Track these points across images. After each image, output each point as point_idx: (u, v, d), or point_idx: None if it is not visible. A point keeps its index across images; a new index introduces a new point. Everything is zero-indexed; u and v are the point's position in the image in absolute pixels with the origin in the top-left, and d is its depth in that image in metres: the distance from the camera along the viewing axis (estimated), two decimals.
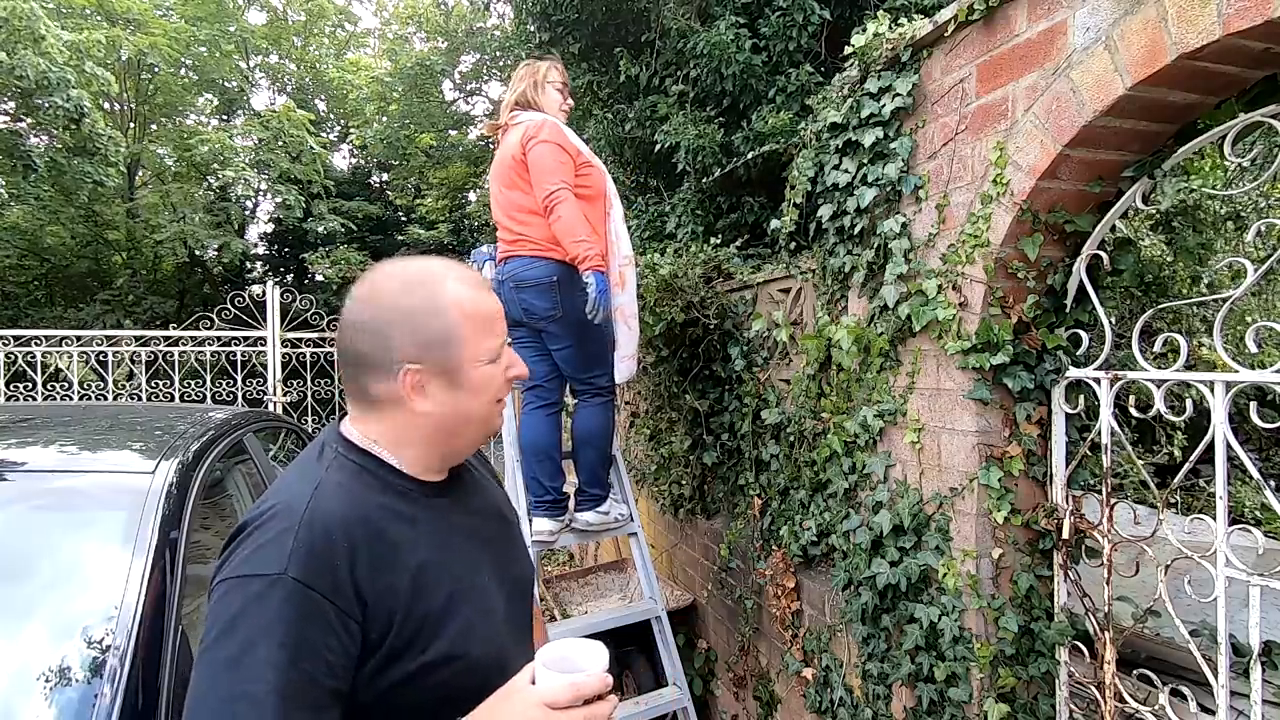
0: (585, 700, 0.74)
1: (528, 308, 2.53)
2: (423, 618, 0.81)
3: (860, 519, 2.21)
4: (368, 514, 0.83)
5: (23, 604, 1.29)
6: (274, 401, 5.98)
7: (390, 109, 11.95)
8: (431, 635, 0.81)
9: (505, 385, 0.94)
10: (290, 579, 0.74)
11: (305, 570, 0.75)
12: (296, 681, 0.71)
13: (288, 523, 0.78)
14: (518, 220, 2.53)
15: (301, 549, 0.76)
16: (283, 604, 0.73)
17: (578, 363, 2.63)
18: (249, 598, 0.74)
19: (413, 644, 0.80)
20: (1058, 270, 1.81)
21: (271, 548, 0.76)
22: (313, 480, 0.83)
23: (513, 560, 1.02)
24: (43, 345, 5.71)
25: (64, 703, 1.15)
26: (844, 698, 2.30)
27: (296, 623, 0.73)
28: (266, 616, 0.73)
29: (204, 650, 0.73)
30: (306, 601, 0.74)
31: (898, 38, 2.05)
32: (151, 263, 11.79)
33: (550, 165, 2.41)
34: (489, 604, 0.91)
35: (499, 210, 2.62)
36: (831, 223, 2.31)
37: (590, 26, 4.18)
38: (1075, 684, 1.80)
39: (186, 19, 10.74)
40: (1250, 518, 3.82)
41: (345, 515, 0.80)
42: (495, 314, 0.92)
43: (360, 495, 0.84)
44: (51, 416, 2.04)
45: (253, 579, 0.75)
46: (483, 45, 9.73)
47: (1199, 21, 1.31)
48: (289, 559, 0.75)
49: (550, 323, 2.53)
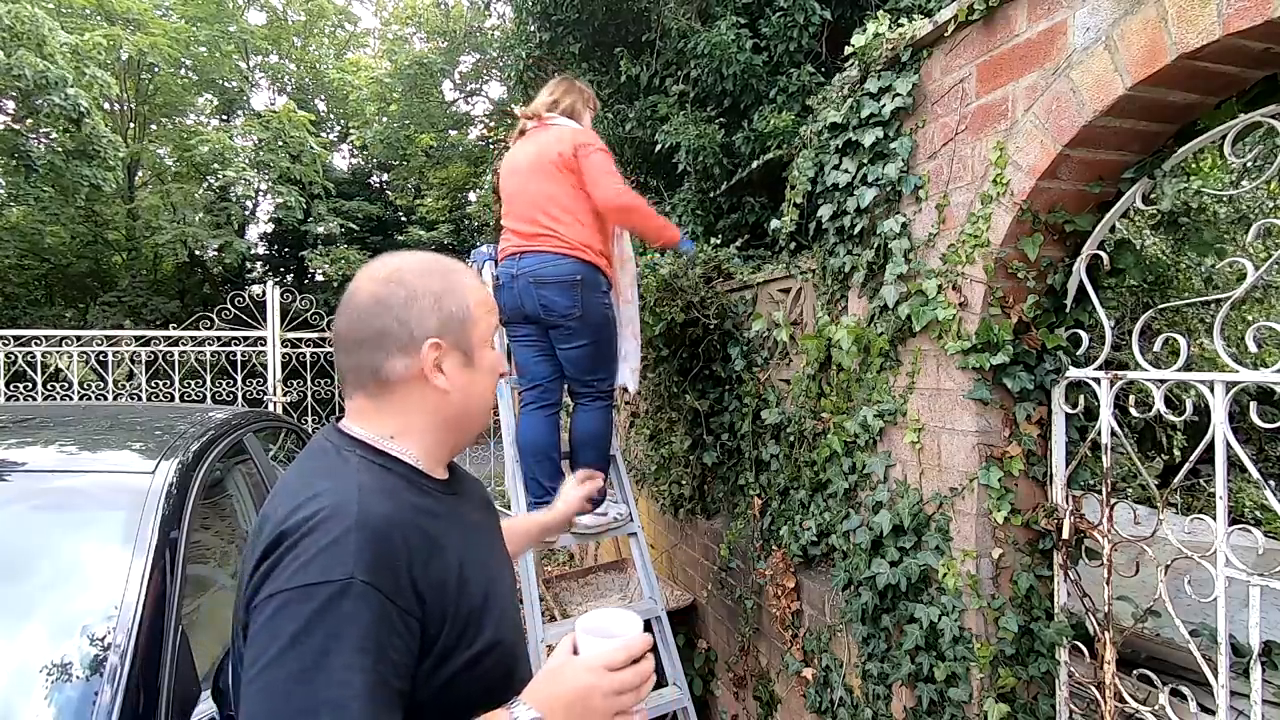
0: (634, 660, 0.80)
1: (546, 304, 2.50)
2: (469, 612, 0.83)
3: (860, 519, 2.21)
4: (410, 514, 0.83)
5: (23, 604, 1.29)
6: (274, 401, 5.98)
7: (390, 109, 11.97)
8: (477, 629, 0.83)
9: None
10: (360, 582, 0.72)
11: (371, 572, 0.73)
12: (377, 684, 0.70)
13: (343, 526, 0.75)
14: (550, 216, 2.50)
15: (366, 551, 0.74)
16: (356, 608, 0.71)
17: (587, 364, 2.61)
18: (316, 606, 0.70)
19: (462, 638, 0.81)
20: (1058, 270, 1.81)
21: (332, 552, 0.73)
22: (351, 481, 0.81)
23: (503, 548, 1.06)
24: (43, 345, 5.71)
25: (64, 702, 1.15)
26: (844, 698, 2.30)
27: (372, 625, 0.72)
28: (339, 622, 0.70)
29: (263, 669, 0.69)
30: (377, 603, 0.73)
31: (898, 38, 2.05)
32: (152, 263, 11.80)
33: (612, 168, 2.55)
34: (507, 591, 0.96)
35: (525, 204, 2.56)
36: (831, 223, 2.31)
37: (590, 26, 4.18)
38: (1075, 684, 1.80)
39: (186, 19, 10.74)
40: (1250, 518, 3.82)
41: (392, 516, 0.79)
42: (493, 303, 0.98)
43: (399, 495, 0.84)
44: (51, 416, 2.04)
45: (317, 586, 0.71)
46: (482, 45, 9.74)
47: (1199, 21, 1.31)
48: (354, 562, 0.73)
49: (569, 320, 2.52)
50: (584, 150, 2.51)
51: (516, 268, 2.54)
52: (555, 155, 2.52)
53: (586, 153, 2.51)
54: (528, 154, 2.61)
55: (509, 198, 2.65)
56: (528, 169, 2.59)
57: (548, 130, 2.62)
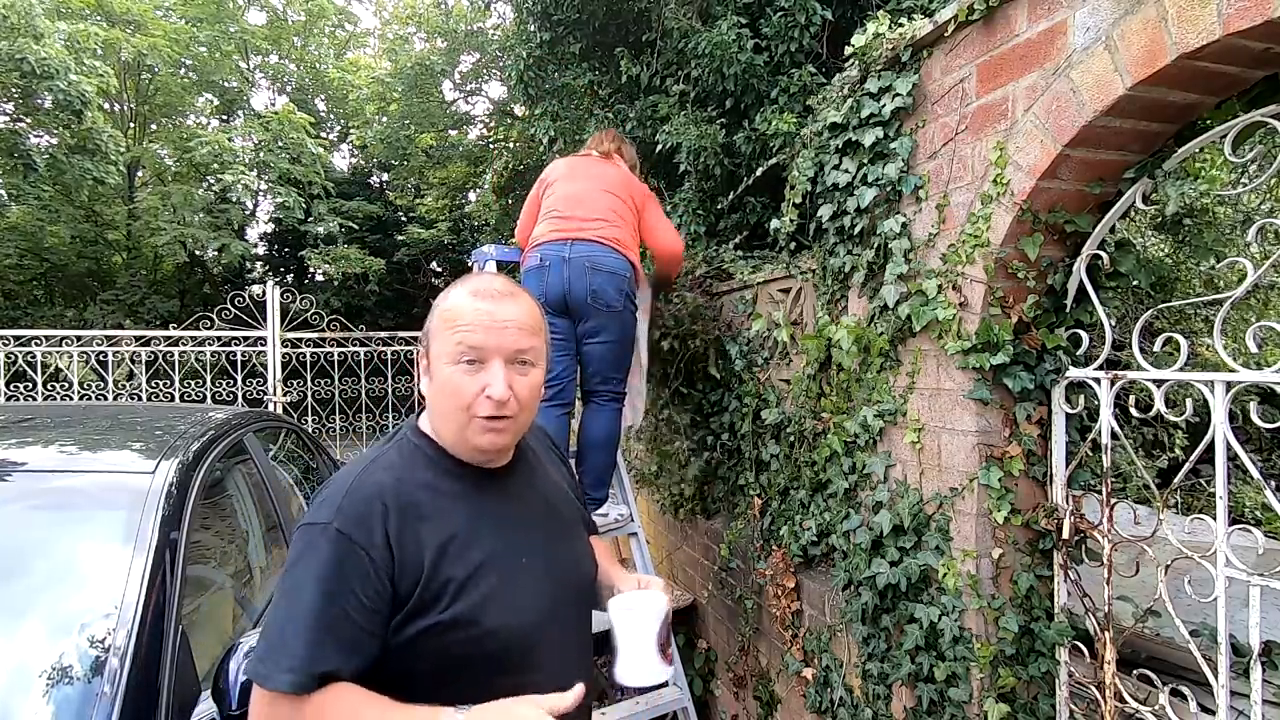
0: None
1: (597, 289, 2.55)
2: (446, 582, 0.93)
3: (860, 519, 2.21)
4: (407, 486, 0.97)
5: (23, 603, 1.29)
6: (274, 401, 5.98)
7: (390, 109, 11.96)
8: (452, 599, 0.93)
9: (479, 400, 0.97)
10: (334, 528, 0.91)
11: (347, 522, 0.92)
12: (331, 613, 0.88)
13: (342, 486, 0.96)
14: (611, 220, 2.64)
15: (347, 506, 0.93)
16: (328, 547, 0.90)
17: (611, 360, 2.66)
18: (307, 540, 0.93)
19: (434, 603, 0.93)
20: (1058, 270, 1.81)
21: (326, 504, 0.95)
22: (373, 456, 1.02)
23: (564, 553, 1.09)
24: (43, 345, 5.71)
25: (64, 702, 1.15)
26: (844, 698, 2.30)
27: (337, 563, 0.89)
28: (317, 556, 0.90)
29: (280, 578, 0.94)
30: (346, 547, 0.90)
31: (898, 38, 2.05)
32: (152, 263, 11.80)
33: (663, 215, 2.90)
34: (522, 582, 1.00)
35: (589, 200, 2.66)
36: (831, 223, 2.31)
37: (591, 26, 4.18)
38: (1075, 684, 1.80)
39: (186, 19, 10.74)
40: (1250, 518, 3.82)
41: (383, 484, 0.96)
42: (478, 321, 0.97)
43: (405, 470, 1.00)
44: (51, 416, 2.04)
45: (311, 526, 0.93)
46: (482, 45, 9.74)
47: (1199, 21, 1.31)
48: (336, 513, 0.93)
49: (610, 312, 2.59)
50: (650, 198, 2.82)
51: (569, 251, 2.57)
52: (625, 179, 2.76)
53: (650, 201, 2.82)
54: (594, 170, 2.77)
55: (567, 194, 2.70)
56: (595, 178, 2.74)
57: (616, 166, 2.82)
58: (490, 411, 0.96)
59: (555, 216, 2.66)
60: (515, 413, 0.99)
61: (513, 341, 0.98)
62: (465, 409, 0.97)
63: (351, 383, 6.60)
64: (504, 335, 0.97)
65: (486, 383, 0.96)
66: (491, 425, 0.98)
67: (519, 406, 0.99)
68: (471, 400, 0.97)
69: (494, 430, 0.98)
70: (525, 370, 1.00)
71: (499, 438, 0.99)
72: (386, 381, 6.66)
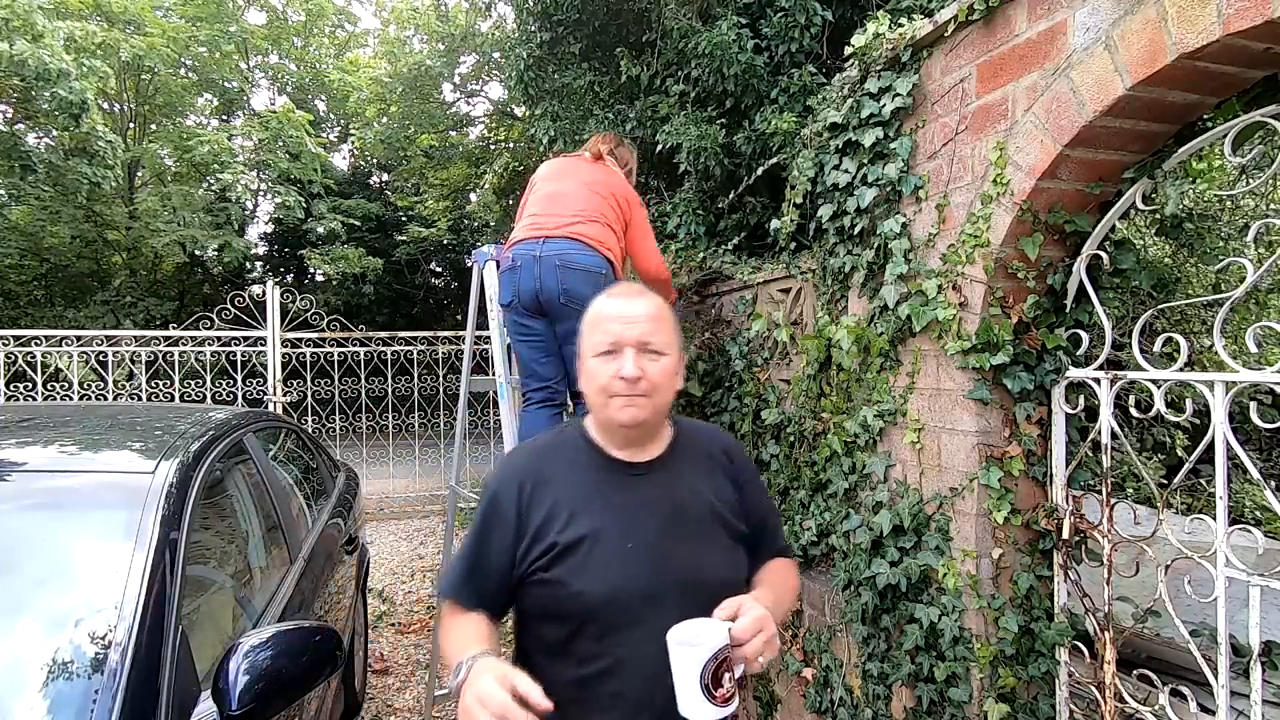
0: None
1: (570, 288, 2.40)
2: (551, 545, 1.11)
3: (860, 519, 2.21)
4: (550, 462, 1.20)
5: (23, 603, 1.29)
6: (274, 401, 5.98)
7: (390, 110, 11.95)
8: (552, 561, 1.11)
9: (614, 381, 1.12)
10: (492, 490, 1.18)
11: (501, 486, 1.18)
12: (477, 555, 1.16)
13: (507, 460, 1.27)
14: (592, 218, 2.51)
15: (503, 474, 1.20)
16: (485, 503, 1.18)
17: None
18: (481, 496, 1.21)
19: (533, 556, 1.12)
20: (1058, 270, 1.81)
21: (497, 468, 1.24)
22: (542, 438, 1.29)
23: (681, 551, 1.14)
24: (43, 345, 5.71)
25: (64, 702, 1.14)
26: (844, 698, 2.30)
27: (489, 518, 1.16)
28: (480, 509, 1.19)
29: None
30: (497, 505, 1.16)
31: (898, 38, 2.05)
32: (152, 263, 11.80)
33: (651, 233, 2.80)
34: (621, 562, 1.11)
35: (571, 199, 2.54)
36: (831, 223, 2.31)
37: (591, 26, 4.18)
38: (1075, 684, 1.80)
39: (186, 19, 10.73)
40: (1250, 518, 3.82)
41: (529, 462, 1.22)
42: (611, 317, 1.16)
43: (555, 451, 1.23)
44: (51, 416, 2.04)
45: (486, 486, 1.21)
46: (482, 46, 9.73)
47: (1199, 21, 1.31)
48: (496, 479, 1.20)
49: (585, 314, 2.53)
50: (638, 207, 2.72)
51: (541, 250, 2.44)
52: (613, 182, 2.66)
53: (638, 210, 2.71)
54: (580, 170, 2.68)
55: (549, 194, 2.61)
56: (582, 179, 2.63)
57: (605, 168, 2.73)
58: (624, 390, 1.11)
59: (531, 215, 2.57)
60: (649, 391, 1.13)
61: (641, 332, 1.13)
62: (604, 390, 1.13)
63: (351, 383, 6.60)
64: (633, 327, 1.13)
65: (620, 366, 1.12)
66: (629, 401, 1.12)
67: (651, 386, 1.13)
68: (608, 382, 1.13)
69: (631, 405, 1.12)
70: (656, 358, 1.14)
71: (638, 412, 1.13)
72: (386, 381, 6.66)
